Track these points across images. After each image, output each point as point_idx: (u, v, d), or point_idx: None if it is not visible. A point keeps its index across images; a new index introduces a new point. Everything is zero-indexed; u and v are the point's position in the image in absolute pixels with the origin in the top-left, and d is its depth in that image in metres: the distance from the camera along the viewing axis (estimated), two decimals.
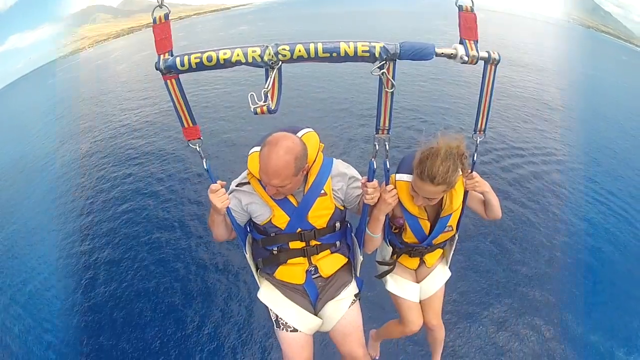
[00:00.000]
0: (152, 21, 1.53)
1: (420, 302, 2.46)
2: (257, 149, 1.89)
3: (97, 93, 18.08)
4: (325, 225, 2.03)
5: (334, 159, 2.07)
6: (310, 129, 2.00)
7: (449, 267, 2.50)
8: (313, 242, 2.06)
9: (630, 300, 4.60)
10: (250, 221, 2.11)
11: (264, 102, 1.51)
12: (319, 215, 1.99)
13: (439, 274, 2.44)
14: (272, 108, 1.53)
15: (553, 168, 7.63)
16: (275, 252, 2.09)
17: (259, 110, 1.51)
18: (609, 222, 6.04)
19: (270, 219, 1.98)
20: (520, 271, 4.86)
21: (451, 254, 2.44)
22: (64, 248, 6.29)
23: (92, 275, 5.48)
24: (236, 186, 2.03)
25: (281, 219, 1.97)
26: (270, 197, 1.93)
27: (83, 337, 4.49)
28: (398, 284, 2.42)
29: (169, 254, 5.58)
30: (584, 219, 5.99)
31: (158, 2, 1.47)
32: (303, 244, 2.05)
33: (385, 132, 1.70)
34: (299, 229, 2.01)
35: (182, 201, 6.81)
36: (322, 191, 1.97)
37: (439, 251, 2.42)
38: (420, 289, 2.43)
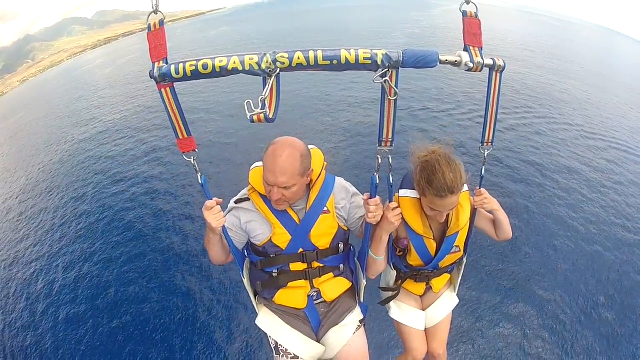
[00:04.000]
0: (146, 28, 1.46)
1: (426, 329, 2.34)
2: (260, 164, 1.85)
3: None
4: (328, 246, 1.95)
5: (336, 177, 2.01)
6: (314, 146, 1.95)
7: (457, 294, 2.38)
8: (315, 264, 1.97)
9: None
10: (248, 243, 2.02)
11: (261, 109, 1.44)
12: (322, 234, 1.91)
13: (446, 301, 2.33)
14: (270, 117, 1.46)
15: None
16: (275, 275, 1.98)
17: (255, 118, 1.44)
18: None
19: (271, 238, 1.89)
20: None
21: (459, 280, 2.33)
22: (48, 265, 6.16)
23: (80, 294, 5.37)
24: (235, 203, 1.95)
25: (282, 238, 1.89)
26: (272, 212, 1.86)
27: None
28: (402, 311, 2.30)
29: (159, 276, 5.45)
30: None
31: (153, 7, 1.41)
32: (305, 266, 1.95)
33: (389, 144, 1.62)
34: (301, 249, 1.92)
35: (177, 217, 6.70)
36: (325, 208, 1.90)
37: (447, 276, 2.30)
38: (425, 316, 2.31)
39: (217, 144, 9.20)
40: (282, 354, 2.01)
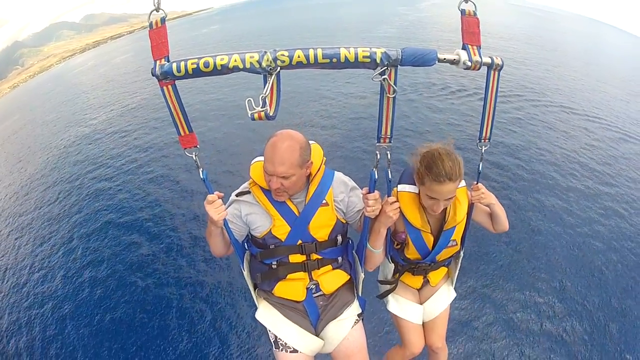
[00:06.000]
0: (148, 25, 1.47)
1: (423, 323, 2.36)
2: (260, 158, 1.89)
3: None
4: (327, 238, 1.97)
5: (335, 171, 2.05)
6: (314, 142, 1.98)
7: (455, 288, 2.39)
8: (314, 256, 1.99)
9: None
10: (248, 236, 2.04)
11: (262, 107, 1.46)
12: (321, 225, 1.94)
13: (443, 295, 2.35)
14: (271, 114, 1.48)
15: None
16: (274, 266, 2.00)
17: (256, 116, 1.46)
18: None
19: (270, 230, 1.91)
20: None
21: (456, 273, 2.34)
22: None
23: (77, 295, 5.32)
24: (236, 196, 1.98)
25: (282, 229, 1.91)
26: (272, 205, 1.89)
27: None
28: (400, 305, 2.32)
29: (161, 271, 5.39)
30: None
31: (154, 5, 1.41)
32: (304, 258, 1.98)
33: (387, 140, 1.64)
34: (300, 241, 1.94)
35: (178, 213, 6.64)
36: (324, 201, 1.93)
37: (444, 269, 2.33)
38: (423, 309, 2.33)
39: (217, 142, 9.15)
40: (281, 347, 2.02)
